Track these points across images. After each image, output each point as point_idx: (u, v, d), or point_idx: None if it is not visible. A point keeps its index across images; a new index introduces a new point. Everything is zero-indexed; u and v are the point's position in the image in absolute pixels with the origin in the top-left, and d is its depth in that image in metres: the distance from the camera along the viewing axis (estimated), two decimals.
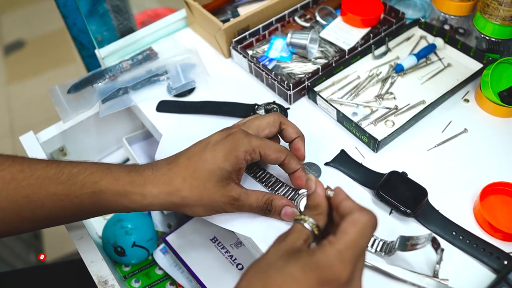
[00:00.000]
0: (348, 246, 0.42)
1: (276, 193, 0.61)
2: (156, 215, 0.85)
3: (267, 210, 0.58)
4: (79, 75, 0.83)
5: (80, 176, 0.54)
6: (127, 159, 0.96)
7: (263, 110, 0.73)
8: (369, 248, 0.57)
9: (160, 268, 0.83)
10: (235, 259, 0.78)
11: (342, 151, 0.69)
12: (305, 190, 0.59)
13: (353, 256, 0.42)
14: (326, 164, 0.68)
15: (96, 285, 0.63)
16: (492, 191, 0.62)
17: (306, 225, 0.46)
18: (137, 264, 0.84)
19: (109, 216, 0.87)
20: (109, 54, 0.87)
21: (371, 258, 0.57)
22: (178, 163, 0.55)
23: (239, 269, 0.77)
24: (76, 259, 0.77)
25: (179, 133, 0.74)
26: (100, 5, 0.93)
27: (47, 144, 0.85)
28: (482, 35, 0.77)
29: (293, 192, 0.61)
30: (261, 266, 0.42)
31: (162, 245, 0.84)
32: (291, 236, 0.45)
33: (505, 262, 0.55)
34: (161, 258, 0.82)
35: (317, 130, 0.72)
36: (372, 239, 0.58)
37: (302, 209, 0.59)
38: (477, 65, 0.78)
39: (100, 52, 0.86)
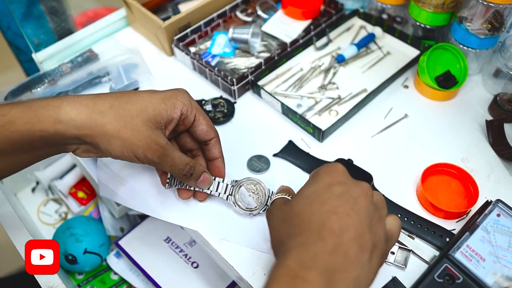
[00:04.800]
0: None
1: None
2: (107, 220, 0.84)
3: (189, 173, 0.56)
4: (18, 82, 0.80)
5: None
6: (74, 165, 0.94)
7: (210, 105, 0.73)
8: None
9: (115, 273, 0.81)
10: (190, 257, 0.77)
11: (290, 141, 0.70)
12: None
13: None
14: (275, 155, 0.68)
15: None
16: (432, 172, 0.65)
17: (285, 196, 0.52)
18: (91, 271, 0.82)
19: (58, 224, 0.85)
20: (47, 57, 0.84)
21: None
22: (108, 95, 0.51)
23: (194, 267, 0.76)
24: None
25: None
26: (35, 7, 0.90)
27: None
28: (418, 23, 0.80)
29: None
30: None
31: (115, 250, 0.82)
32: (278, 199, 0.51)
33: (447, 239, 0.58)
34: (115, 262, 0.81)
35: (264, 123, 0.73)
36: None
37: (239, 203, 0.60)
38: (415, 52, 0.81)
39: (37, 56, 0.83)
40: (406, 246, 0.57)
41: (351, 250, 0.40)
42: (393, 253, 0.56)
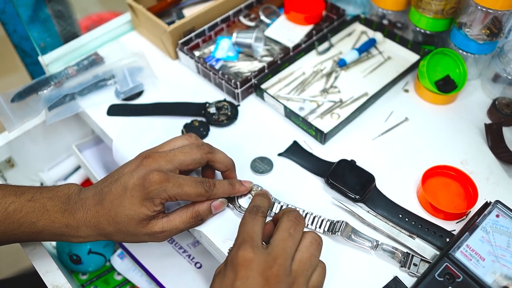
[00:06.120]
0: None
1: None
2: None
3: (198, 220, 0.60)
4: (23, 84, 0.81)
5: (16, 216, 0.55)
6: (79, 167, 0.95)
7: (214, 108, 0.75)
8: (317, 229, 0.60)
9: (119, 274, 0.82)
10: (193, 258, 0.78)
11: (295, 142, 0.71)
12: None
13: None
14: (280, 154, 0.70)
15: None
16: (432, 174, 0.66)
17: None
18: (94, 271, 0.83)
19: None
20: (53, 60, 0.85)
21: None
22: (103, 206, 0.57)
23: (197, 268, 0.77)
24: (32, 272, 0.75)
25: (131, 135, 0.74)
26: (42, 10, 0.91)
27: None
28: (418, 29, 0.82)
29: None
30: None
31: (119, 250, 0.83)
32: None
33: (447, 240, 0.59)
34: (119, 263, 0.82)
35: (267, 126, 0.74)
36: (320, 219, 0.61)
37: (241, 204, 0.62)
38: (415, 57, 0.83)
39: (43, 59, 0.84)
40: (426, 258, 0.57)
41: None
42: (415, 265, 0.57)
